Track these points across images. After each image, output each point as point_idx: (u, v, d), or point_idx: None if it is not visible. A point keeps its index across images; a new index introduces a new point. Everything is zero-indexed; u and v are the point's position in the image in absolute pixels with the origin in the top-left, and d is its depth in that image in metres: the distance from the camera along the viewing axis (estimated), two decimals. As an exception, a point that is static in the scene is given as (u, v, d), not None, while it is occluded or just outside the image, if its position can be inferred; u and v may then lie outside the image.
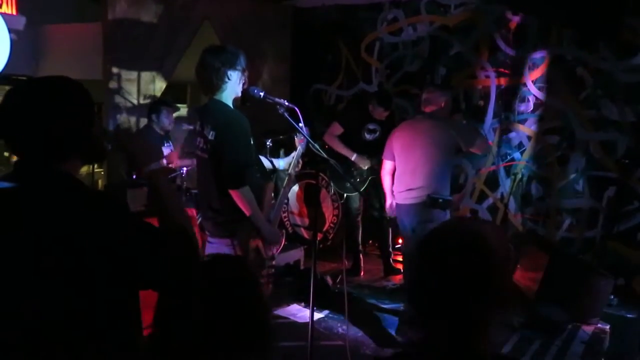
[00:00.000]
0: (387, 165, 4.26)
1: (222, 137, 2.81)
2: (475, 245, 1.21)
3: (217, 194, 2.90)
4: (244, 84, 2.95)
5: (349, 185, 5.14)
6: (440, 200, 3.86)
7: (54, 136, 1.41)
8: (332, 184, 5.47)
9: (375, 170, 4.96)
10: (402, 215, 4.13)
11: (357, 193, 5.20)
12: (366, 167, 5.11)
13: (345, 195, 5.33)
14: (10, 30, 4.20)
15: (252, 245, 2.90)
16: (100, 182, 5.91)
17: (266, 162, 3.35)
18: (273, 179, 3.35)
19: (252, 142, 2.93)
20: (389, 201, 4.30)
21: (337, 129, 5.17)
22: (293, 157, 3.32)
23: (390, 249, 5.53)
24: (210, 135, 2.84)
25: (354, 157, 5.09)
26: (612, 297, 4.54)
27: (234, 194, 2.81)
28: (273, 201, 3.26)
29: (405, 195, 4.04)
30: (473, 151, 4.15)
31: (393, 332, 4.08)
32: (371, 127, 5.16)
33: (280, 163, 3.44)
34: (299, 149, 3.29)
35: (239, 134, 2.84)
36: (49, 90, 1.44)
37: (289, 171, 3.35)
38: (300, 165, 3.49)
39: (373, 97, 5.19)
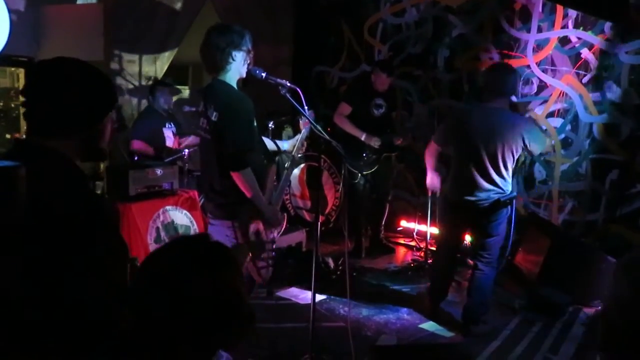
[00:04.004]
0: (434, 148, 3.98)
1: (225, 118, 2.79)
2: None
3: (219, 175, 2.89)
4: (248, 65, 2.92)
5: (362, 164, 5.18)
6: (507, 200, 3.75)
7: (45, 112, 1.47)
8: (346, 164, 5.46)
9: (388, 147, 5.13)
10: (460, 215, 3.90)
11: (368, 172, 5.25)
12: (377, 146, 5.11)
13: (359, 175, 5.30)
14: (10, 11, 4.15)
15: (253, 228, 2.90)
16: (102, 164, 5.90)
17: (270, 144, 3.35)
18: (276, 162, 3.34)
19: (254, 124, 2.91)
20: (430, 176, 4.05)
21: (345, 108, 5.16)
22: (297, 140, 3.31)
23: (382, 228, 5.64)
24: (213, 116, 2.82)
25: (363, 137, 5.09)
26: (613, 279, 4.55)
27: (235, 175, 2.81)
28: (275, 183, 3.26)
29: (470, 196, 3.74)
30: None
31: (394, 314, 4.11)
32: (378, 102, 5.18)
33: (285, 145, 3.43)
34: (304, 131, 3.28)
35: (242, 115, 2.83)
36: (52, 70, 1.49)
37: (293, 153, 3.34)
38: (304, 148, 3.49)
39: (375, 66, 5.21)
